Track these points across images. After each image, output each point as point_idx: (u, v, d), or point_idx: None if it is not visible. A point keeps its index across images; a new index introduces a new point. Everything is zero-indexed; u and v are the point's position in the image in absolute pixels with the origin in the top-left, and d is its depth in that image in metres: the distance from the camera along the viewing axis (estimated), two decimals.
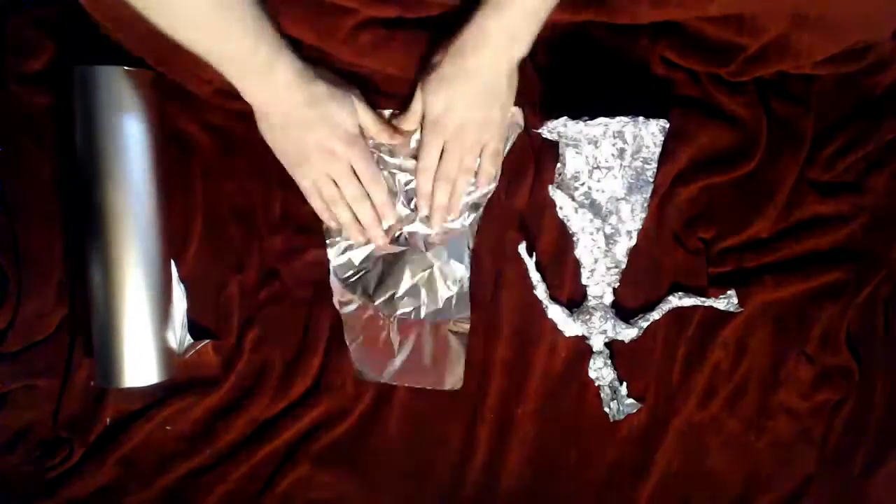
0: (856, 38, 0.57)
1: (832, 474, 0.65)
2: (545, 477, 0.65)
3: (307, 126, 0.57)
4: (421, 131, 0.60)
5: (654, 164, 0.61)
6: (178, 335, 0.63)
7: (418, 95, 0.59)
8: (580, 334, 0.64)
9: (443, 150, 0.60)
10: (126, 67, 0.58)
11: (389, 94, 0.63)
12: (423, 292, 0.63)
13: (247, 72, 0.53)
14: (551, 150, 0.64)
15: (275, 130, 0.58)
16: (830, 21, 0.55)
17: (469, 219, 0.63)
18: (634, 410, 0.64)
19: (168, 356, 0.62)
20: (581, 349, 0.64)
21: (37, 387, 0.63)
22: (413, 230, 0.64)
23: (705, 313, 0.64)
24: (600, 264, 0.63)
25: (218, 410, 0.64)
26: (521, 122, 0.63)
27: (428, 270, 0.63)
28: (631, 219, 0.62)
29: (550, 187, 0.63)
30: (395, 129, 0.62)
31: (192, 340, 0.64)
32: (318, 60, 0.58)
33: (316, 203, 0.62)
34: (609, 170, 0.61)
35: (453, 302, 0.63)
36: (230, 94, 0.62)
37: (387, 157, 0.63)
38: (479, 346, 0.64)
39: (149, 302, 0.60)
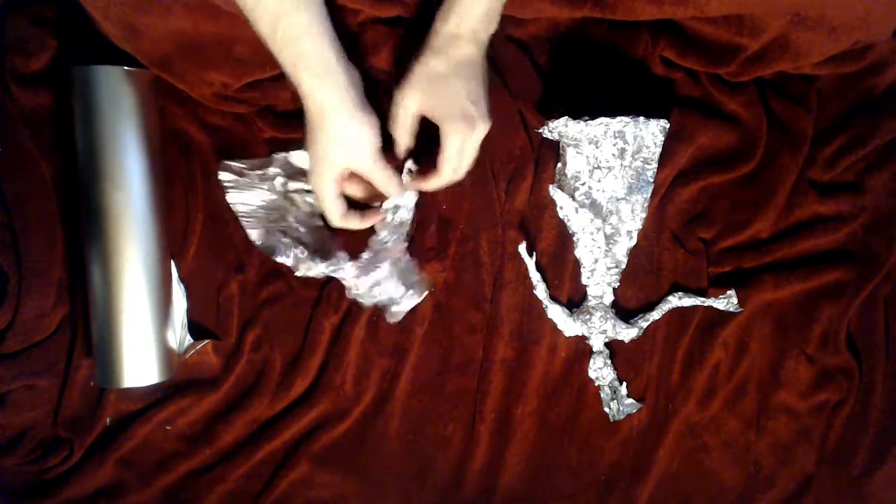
0: (856, 38, 0.57)
1: (832, 474, 0.65)
2: (545, 477, 0.65)
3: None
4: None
5: (655, 164, 0.61)
6: (178, 335, 0.63)
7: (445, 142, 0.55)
8: (580, 334, 0.64)
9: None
10: (126, 67, 0.58)
11: (392, 92, 0.63)
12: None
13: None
14: (551, 150, 0.64)
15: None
16: (830, 21, 0.55)
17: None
18: (634, 410, 0.64)
19: (168, 356, 0.62)
20: (581, 349, 0.64)
21: (37, 387, 0.63)
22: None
23: (705, 313, 0.64)
24: (600, 264, 0.63)
25: (218, 410, 0.64)
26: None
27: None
28: (631, 219, 0.62)
29: (550, 187, 0.63)
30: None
31: (192, 340, 0.64)
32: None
33: None
34: (609, 170, 0.61)
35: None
36: (229, 97, 0.62)
37: None
38: (479, 346, 0.64)
39: (149, 302, 0.60)
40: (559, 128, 0.60)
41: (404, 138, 0.57)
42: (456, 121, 0.54)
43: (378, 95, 0.63)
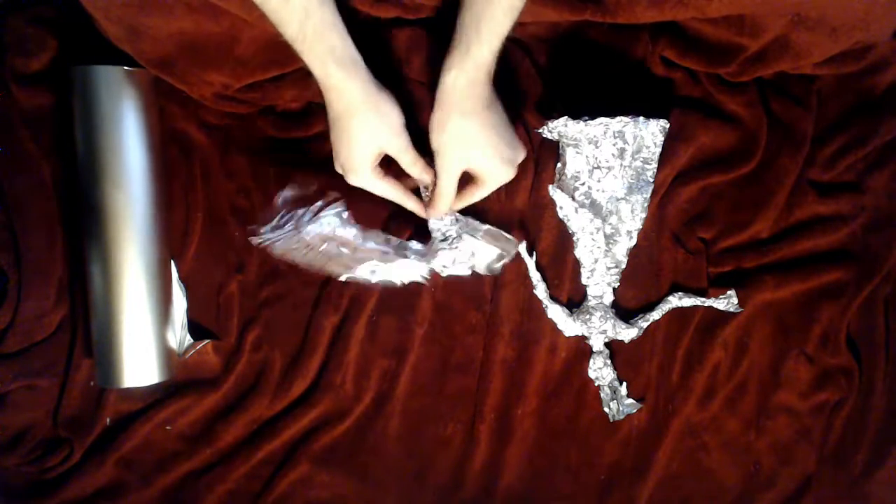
0: (856, 38, 0.57)
1: (832, 474, 0.65)
2: (545, 477, 0.65)
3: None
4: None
5: (655, 164, 0.61)
6: (178, 335, 0.63)
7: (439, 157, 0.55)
8: (580, 334, 0.64)
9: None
10: (126, 67, 0.58)
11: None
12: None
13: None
14: (551, 150, 0.64)
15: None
16: (830, 21, 0.55)
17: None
18: (634, 410, 0.64)
19: (168, 356, 0.62)
20: (581, 349, 0.64)
21: (37, 387, 0.63)
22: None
23: (705, 313, 0.64)
24: (600, 264, 0.63)
25: (218, 410, 0.64)
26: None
27: None
28: (631, 219, 0.62)
29: (550, 187, 0.63)
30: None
31: (192, 340, 0.64)
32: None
33: None
34: (609, 170, 0.61)
35: None
36: (230, 97, 0.62)
37: None
38: (479, 346, 0.64)
39: (149, 302, 0.60)
40: (559, 128, 0.60)
41: (448, 196, 0.57)
42: (499, 169, 0.55)
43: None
